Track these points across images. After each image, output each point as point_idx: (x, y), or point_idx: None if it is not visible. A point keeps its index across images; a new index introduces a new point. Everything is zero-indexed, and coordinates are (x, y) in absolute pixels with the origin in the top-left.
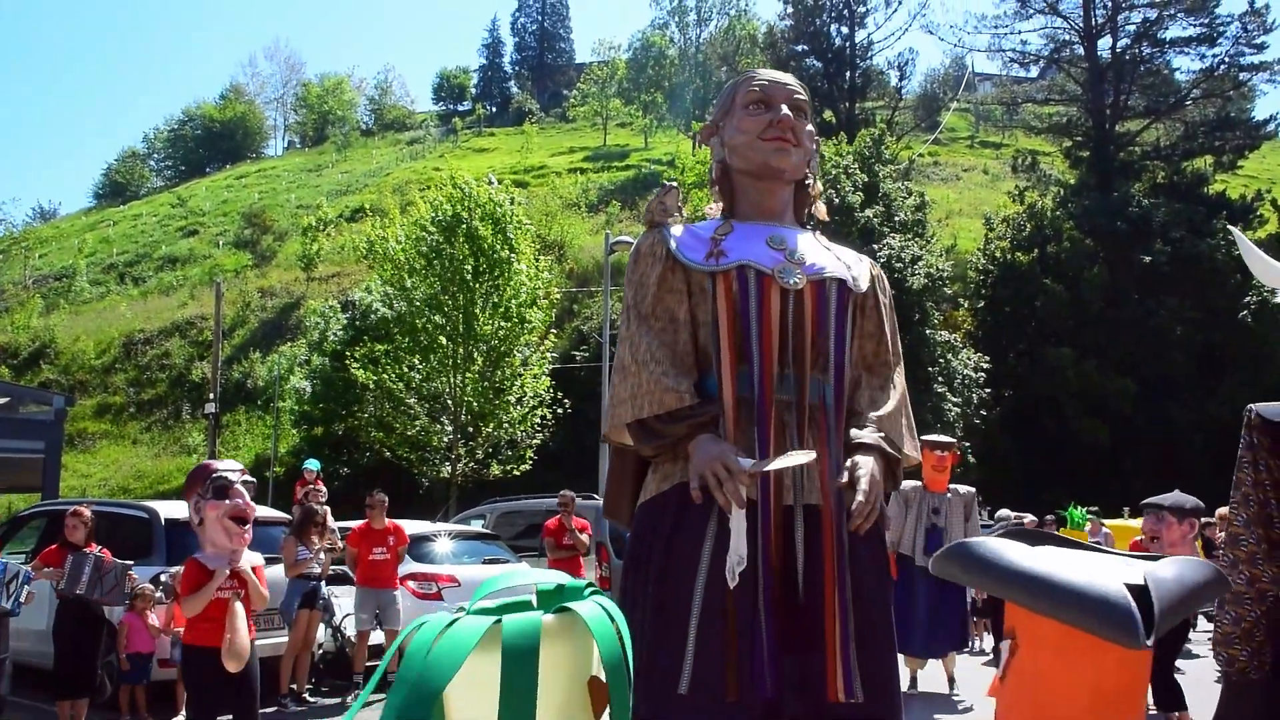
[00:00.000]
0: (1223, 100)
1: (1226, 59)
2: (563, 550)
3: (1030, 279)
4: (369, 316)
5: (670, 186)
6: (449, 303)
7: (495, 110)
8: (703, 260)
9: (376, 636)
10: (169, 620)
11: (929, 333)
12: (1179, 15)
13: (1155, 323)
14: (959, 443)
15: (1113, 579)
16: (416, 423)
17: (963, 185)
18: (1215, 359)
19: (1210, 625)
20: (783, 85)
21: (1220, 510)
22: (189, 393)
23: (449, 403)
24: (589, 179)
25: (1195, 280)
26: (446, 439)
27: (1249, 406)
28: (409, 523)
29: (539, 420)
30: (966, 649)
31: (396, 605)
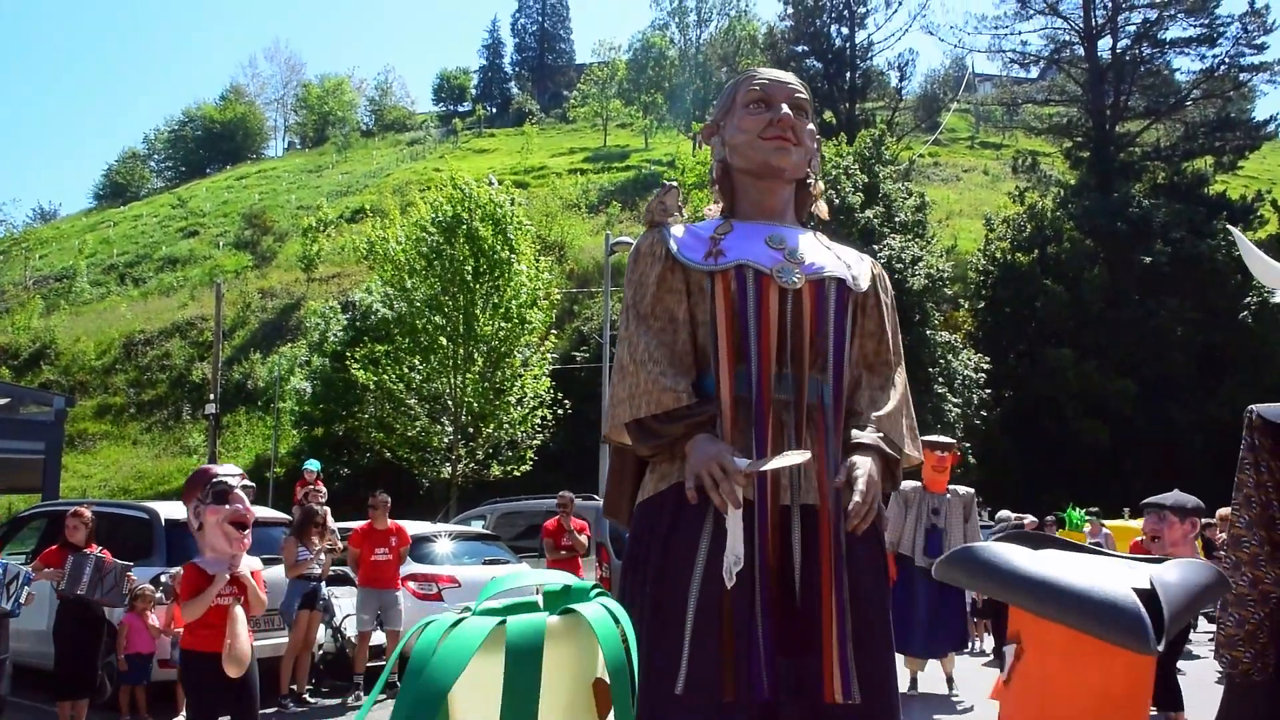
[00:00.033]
0: (1223, 101)
1: (1227, 59)
2: (561, 551)
3: (1030, 280)
4: (369, 317)
5: (670, 186)
6: (449, 303)
7: (495, 111)
8: (701, 260)
9: (377, 637)
10: (169, 621)
11: (929, 333)
12: (1179, 16)
13: (1155, 323)
14: (959, 443)
15: (1120, 584)
16: (417, 423)
17: (963, 186)
18: (1215, 359)
19: (1211, 626)
20: (783, 84)
21: (1221, 511)
22: (189, 393)
23: (449, 403)
24: (589, 180)
25: (1195, 281)
26: (447, 440)
27: (1250, 408)
28: (409, 523)
29: (539, 421)
30: (966, 650)
31: (398, 606)
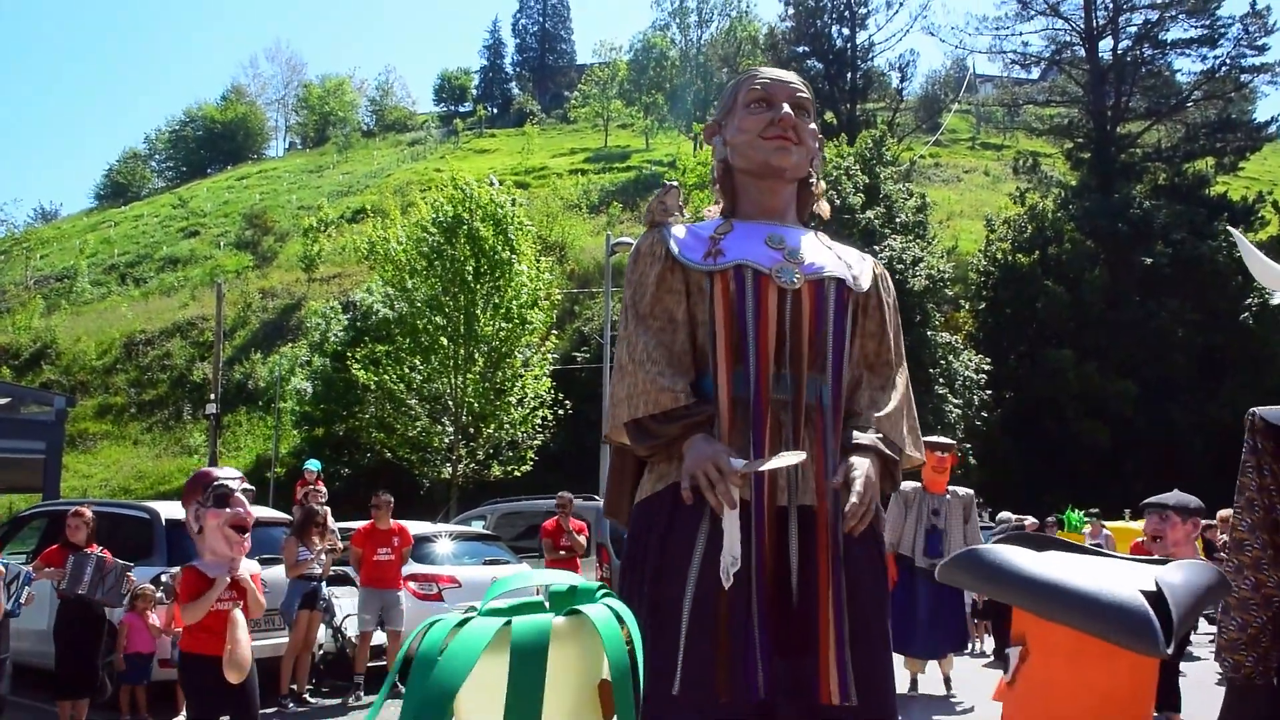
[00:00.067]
0: (1224, 102)
1: (1228, 61)
2: (560, 551)
3: (1031, 281)
4: (370, 317)
5: (671, 186)
6: (450, 304)
7: (496, 111)
8: (701, 260)
9: (378, 637)
10: (169, 621)
11: (930, 334)
12: (1180, 17)
13: (1156, 325)
14: (960, 444)
15: (1127, 586)
16: (417, 424)
17: (964, 187)
18: (1216, 361)
19: (1211, 627)
20: (785, 83)
21: (1222, 512)
22: (190, 393)
23: (450, 404)
24: (590, 180)
25: (1196, 282)
26: (447, 440)
27: (1251, 410)
28: (409, 524)
29: (540, 421)
30: (966, 651)
31: (400, 606)
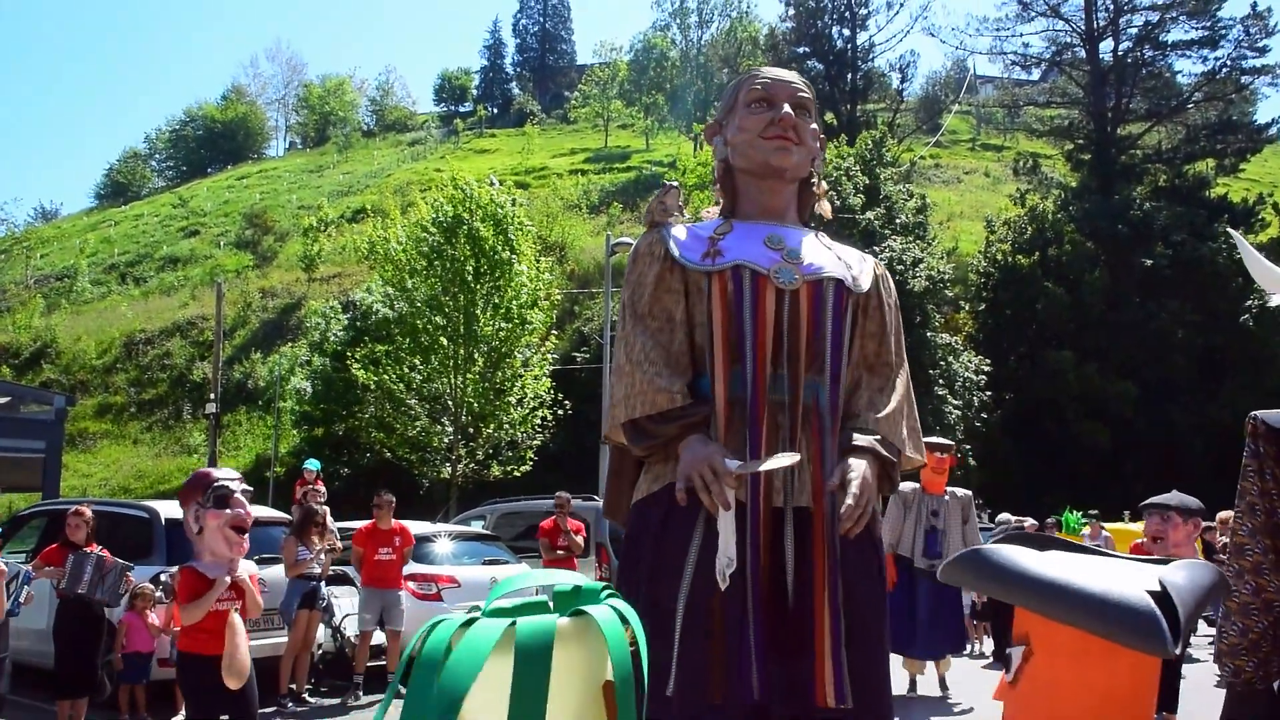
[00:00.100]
0: (1224, 103)
1: (1228, 62)
2: (557, 551)
3: (1031, 282)
4: (370, 317)
5: (671, 186)
6: (450, 304)
7: (496, 111)
8: (699, 260)
9: (378, 637)
10: (169, 620)
11: (930, 335)
12: (1181, 18)
13: (1156, 326)
14: (959, 445)
15: (1133, 585)
16: (417, 423)
17: (964, 188)
18: (1216, 362)
19: (1210, 630)
20: (786, 83)
21: (1222, 514)
22: (190, 393)
23: (449, 403)
24: (590, 180)
25: (1196, 284)
26: (447, 440)
27: (1252, 414)
28: (408, 523)
29: (539, 421)
30: (965, 652)
31: (401, 606)
